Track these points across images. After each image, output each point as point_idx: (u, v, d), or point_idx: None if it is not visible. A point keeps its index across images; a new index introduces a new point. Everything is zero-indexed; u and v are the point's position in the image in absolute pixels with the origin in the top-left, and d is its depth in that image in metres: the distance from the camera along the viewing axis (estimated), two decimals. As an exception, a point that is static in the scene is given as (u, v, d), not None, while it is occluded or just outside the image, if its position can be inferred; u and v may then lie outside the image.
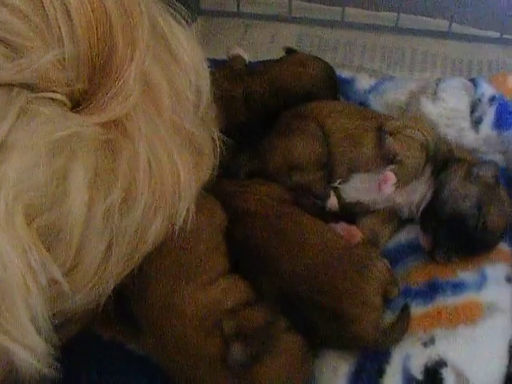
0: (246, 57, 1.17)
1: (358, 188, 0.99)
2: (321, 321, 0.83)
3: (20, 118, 0.54)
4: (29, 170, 0.54)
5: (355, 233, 0.95)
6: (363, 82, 1.15)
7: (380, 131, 0.98)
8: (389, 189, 0.91)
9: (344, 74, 1.17)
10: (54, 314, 0.60)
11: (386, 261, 0.89)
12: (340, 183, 0.99)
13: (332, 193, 0.98)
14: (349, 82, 1.15)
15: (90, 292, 0.65)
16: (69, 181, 0.57)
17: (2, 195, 0.52)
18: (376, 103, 1.12)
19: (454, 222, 0.90)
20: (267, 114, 1.10)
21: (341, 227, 0.95)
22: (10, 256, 0.53)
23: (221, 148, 0.77)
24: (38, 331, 0.57)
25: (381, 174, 0.92)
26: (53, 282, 0.58)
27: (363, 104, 1.13)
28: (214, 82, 0.74)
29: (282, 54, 1.18)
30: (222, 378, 0.79)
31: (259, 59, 1.23)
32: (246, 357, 0.78)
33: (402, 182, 0.92)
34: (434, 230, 0.91)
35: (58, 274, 0.57)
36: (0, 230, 0.52)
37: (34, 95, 0.56)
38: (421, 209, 0.96)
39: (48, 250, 0.57)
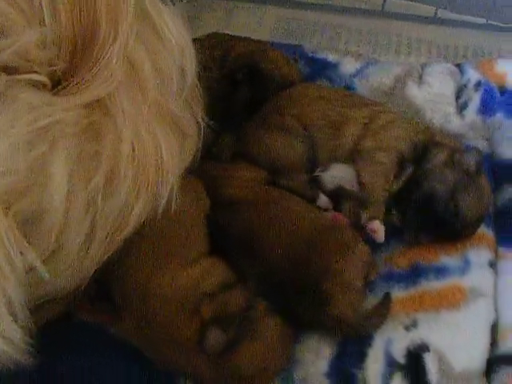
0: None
1: (337, 177, 0.98)
2: (302, 302, 0.83)
3: None
4: (7, 156, 0.53)
5: (330, 204, 0.97)
6: (348, 66, 1.14)
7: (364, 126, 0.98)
8: (382, 233, 0.91)
9: (329, 57, 1.16)
10: (33, 298, 0.59)
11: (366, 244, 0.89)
12: (321, 171, 0.99)
13: (321, 193, 0.98)
14: (334, 66, 1.15)
15: (71, 276, 0.64)
16: (50, 168, 0.56)
17: None
18: (361, 87, 1.12)
19: (425, 202, 0.90)
20: (250, 97, 1.09)
21: (321, 201, 0.97)
22: None
23: (205, 130, 0.77)
24: (14, 319, 0.57)
25: (366, 224, 0.92)
26: (30, 268, 0.57)
27: (348, 87, 1.12)
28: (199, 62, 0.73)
29: (267, 36, 1.17)
30: (200, 363, 0.79)
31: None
32: (222, 343, 0.77)
33: (379, 212, 0.93)
34: (405, 208, 0.92)
35: (36, 261, 0.57)
36: None
37: (12, 78, 0.56)
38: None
39: (27, 237, 0.56)
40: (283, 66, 1.09)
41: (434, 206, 0.90)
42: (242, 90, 1.07)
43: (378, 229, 0.91)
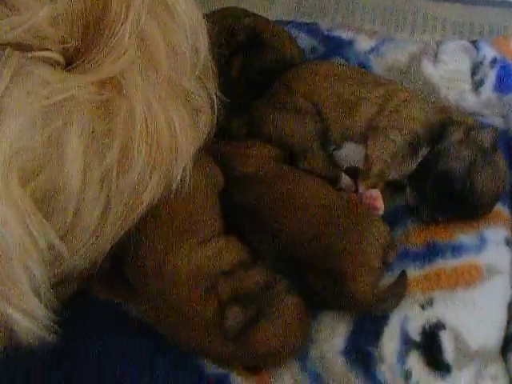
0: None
1: (351, 156, 0.98)
2: (319, 281, 0.83)
3: (14, 80, 0.54)
4: (23, 132, 0.54)
5: (352, 185, 0.96)
6: (363, 44, 1.13)
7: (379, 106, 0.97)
8: (380, 202, 0.91)
9: (344, 35, 1.15)
10: (51, 276, 0.60)
11: (386, 224, 0.89)
12: (334, 150, 0.99)
13: (343, 174, 0.97)
14: (349, 43, 1.14)
15: (87, 253, 0.65)
16: (65, 144, 0.56)
17: None
18: (376, 64, 1.11)
19: (442, 181, 0.90)
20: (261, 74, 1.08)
21: (344, 181, 0.96)
22: (8, 219, 0.53)
23: (219, 107, 0.76)
24: (38, 296, 0.57)
25: (363, 194, 0.92)
26: (50, 245, 0.57)
27: (363, 65, 1.12)
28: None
29: (280, 15, 1.16)
30: (218, 342, 0.79)
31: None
32: (242, 321, 0.77)
33: (377, 184, 0.92)
34: (421, 187, 0.91)
35: (55, 238, 0.57)
36: None
37: (27, 55, 0.56)
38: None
39: (44, 214, 0.56)
40: (285, 42, 1.08)
41: (450, 183, 0.89)
42: (239, 53, 1.06)
43: (377, 196, 0.90)
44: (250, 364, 0.82)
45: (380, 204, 0.90)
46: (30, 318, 0.57)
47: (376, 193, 0.90)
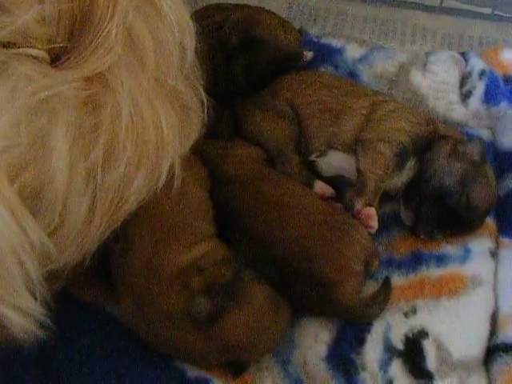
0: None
1: (335, 165, 0.98)
2: (301, 286, 0.83)
3: None
4: (9, 129, 0.53)
5: (327, 189, 0.96)
6: (353, 52, 1.13)
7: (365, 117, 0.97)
8: (375, 221, 0.90)
9: (334, 42, 1.15)
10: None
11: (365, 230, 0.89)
12: (317, 157, 0.98)
13: (316, 180, 0.97)
14: (338, 51, 1.13)
15: (75, 251, 0.64)
16: (50, 141, 0.56)
17: None
18: (365, 73, 1.10)
19: (437, 198, 0.89)
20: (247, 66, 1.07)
21: (317, 186, 0.96)
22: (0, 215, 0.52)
23: (208, 107, 0.76)
24: (32, 293, 0.57)
25: (359, 211, 0.91)
26: (40, 242, 0.57)
27: (352, 74, 1.11)
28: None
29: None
30: (192, 336, 0.79)
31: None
32: (209, 309, 0.78)
33: (374, 201, 0.92)
34: (416, 206, 0.91)
35: (43, 235, 0.57)
36: None
37: (11, 52, 0.55)
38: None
39: (31, 211, 0.56)
40: (280, 33, 1.07)
41: (445, 199, 0.89)
42: (237, 57, 1.06)
43: (373, 215, 0.90)
44: (226, 360, 0.82)
45: (375, 223, 0.90)
46: (23, 314, 0.57)
47: (373, 212, 0.90)
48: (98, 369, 0.82)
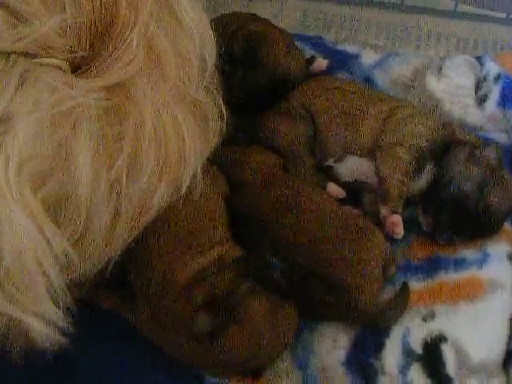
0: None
1: (353, 169, 0.99)
2: (319, 291, 0.83)
3: (20, 87, 0.54)
4: (32, 140, 0.53)
5: (340, 192, 0.97)
6: (368, 58, 1.14)
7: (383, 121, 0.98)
8: (401, 230, 0.91)
9: (349, 48, 1.16)
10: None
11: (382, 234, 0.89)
12: (334, 162, 0.99)
13: (330, 182, 0.98)
14: (354, 57, 1.14)
15: (97, 260, 0.65)
16: (73, 151, 0.56)
17: (9, 165, 0.52)
18: (381, 79, 1.11)
19: (455, 203, 0.90)
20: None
21: (329, 188, 0.97)
22: (23, 224, 0.53)
23: (226, 116, 0.77)
24: (56, 303, 0.57)
25: (385, 218, 0.92)
26: (64, 252, 0.57)
27: (368, 79, 1.12)
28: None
29: (286, 29, 1.16)
30: (199, 350, 0.80)
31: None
32: (209, 326, 0.78)
33: (398, 207, 0.92)
34: (435, 212, 0.91)
35: (66, 245, 0.57)
36: (11, 199, 0.52)
37: (33, 62, 0.56)
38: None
39: (55, 221, 0.56)
40: (282, 56, 1.06)
41: (464, 205, 0.89)
42: (237, 68, 1.06)
43: (399, 222, 0.91)
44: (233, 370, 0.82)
45: (401, 231, 0.91)
46: (46, 322, 0.57)
47: (398, 219, 0.91)
48: (118, 377, 0.83)
